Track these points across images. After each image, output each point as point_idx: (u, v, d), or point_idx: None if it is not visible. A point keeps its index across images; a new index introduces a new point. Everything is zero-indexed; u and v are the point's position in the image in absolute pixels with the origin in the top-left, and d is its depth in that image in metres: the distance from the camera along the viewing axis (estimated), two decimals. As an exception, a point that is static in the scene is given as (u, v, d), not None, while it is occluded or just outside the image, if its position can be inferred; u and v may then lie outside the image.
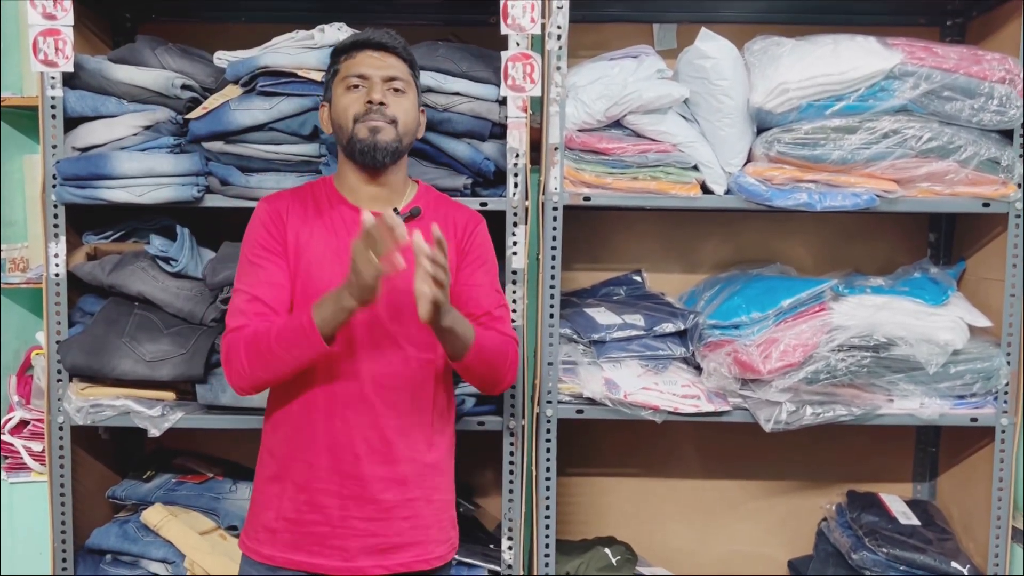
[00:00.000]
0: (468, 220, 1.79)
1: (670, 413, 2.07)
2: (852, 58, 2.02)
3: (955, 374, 2.09)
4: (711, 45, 2.04)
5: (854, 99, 2.03)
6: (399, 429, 1.68)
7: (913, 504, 2.40)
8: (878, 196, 2.06)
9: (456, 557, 2.14)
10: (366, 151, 1.67)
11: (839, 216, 2.31)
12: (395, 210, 1.70)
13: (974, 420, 2.11)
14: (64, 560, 2.12)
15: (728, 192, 2.12)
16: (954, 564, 2.15)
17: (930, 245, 2.48)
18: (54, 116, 2.04)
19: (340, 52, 1.74)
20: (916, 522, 2.30)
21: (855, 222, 2.46)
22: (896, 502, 2.39)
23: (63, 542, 2.11)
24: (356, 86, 1.69)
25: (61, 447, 2.09)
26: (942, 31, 2.43)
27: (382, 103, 1.67)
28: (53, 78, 2.03)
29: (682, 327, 2.18)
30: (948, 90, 2.04)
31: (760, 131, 2.11)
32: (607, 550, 2.32)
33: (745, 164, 2.12)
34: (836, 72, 2.00)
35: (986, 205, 2.09)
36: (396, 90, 1.70)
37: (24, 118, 2.53)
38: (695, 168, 2.10)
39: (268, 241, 1.70)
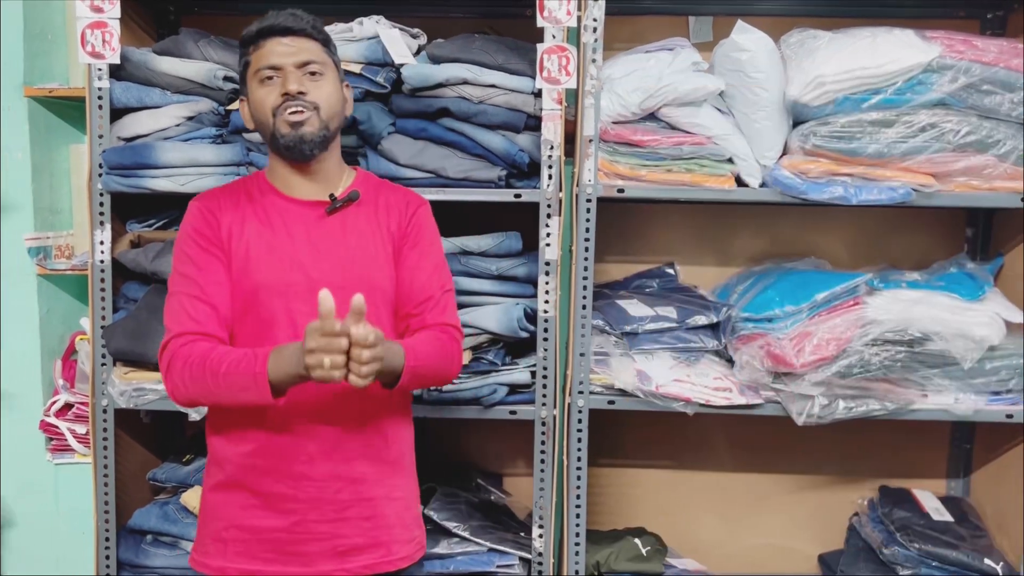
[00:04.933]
0: (408, 203, 1.72)
1: (702, 405, 2.08)
2: (890, 51, 2.00)
3: (991, 370, 2.07)
4: (747, 38, 2.04)
5: (891, 92, 2.01)
6: (354, 426, 1.62)
7: (946, 500, 2.39)
8: (915, 190, 2.05)
9: (488, 544, 2.18)
10: (292, 146, 1.59)
11: (874, 210, 2.30)
12: (332, 196, 1.65)
13: (1009, 416, 2.09)
14: (107, 540, 2.17)
15: (763, 185, 2.11)
16: (987, 561, 2.14)
17: (967, 240, 2.45)
18: (101, 107, 2.09)
19: (247, 42, 1.64)
20: (949, 518, 2.29)
21: (891, 216, 2.44)
22: (929, 498, 2.38)
23: (106, 522, 2.17)
24: (270, 77, 1.60)
25: (105, 429, 2.15)
26: (982, 24, 2.40)
27: (300, 92, 1.58)
28: (100, 70, 2.08)
29: (715, 320, 2.18)
30: (987, 83, 2.01)
31: (796, 124, 2.10)
32: (637, 540, 2.33)
33: (780, 157, 2.11)
34: (873, 65, 1.99)
35: (1025, 200, 2.07)
36: (313, 74, 1.61)
37: (70, 108, 2.60)
38: (730, 161, 2.10)
39: (204, 241, 1.62)
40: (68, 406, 2.51)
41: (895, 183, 2.05)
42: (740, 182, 2.13)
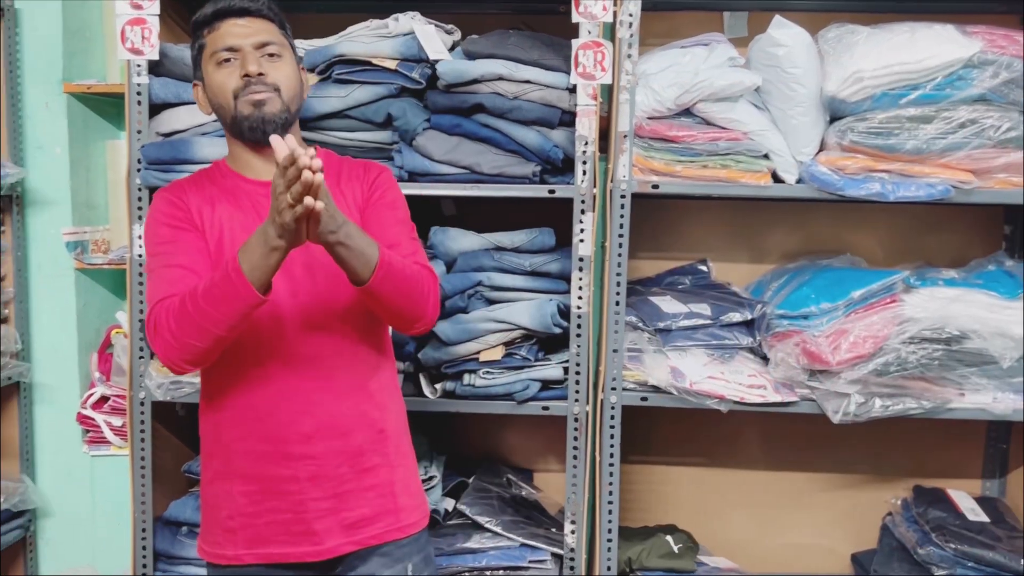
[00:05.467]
0: (367, 170, 1.70)
1: (736, 403, 2.07)
2: (930, 46, 1.98)
3: (1030, 368, 2.05)
4: (784, 33, 2.03)
5: (930, 88, 1.99)
6: (345, 400, 1.60)
7: (982, 501, 2.36)
8: (953, 187, 2.03)
9: (520, 539, 2.18)
10: (255, 127, 1.56)
11: (911, 207, 2.27)
12: None
13: (1049, 416, 2.07)
14: (144, 531, 2.19)
15: (799, 181, 2.10)
16: (1024, 562, 2.12)
17: (1005, 238, 2.43)
18: (140, 103, 2.10)
19: (202, 24, 1.61)
20: (985, 519, 2.27)
21: (928, 213, 2.42)
22: (964, 498, 2.36)
23: (143, 513, 2.19)
24: (227, 60, 1.57)
25: (142, 422, 2.17)
26: (1022, 18, 2.37)
27: (261, 74, 1.55)
28: (139, 66, 2.09)
29: (749, 317, 2.17)
30: (1030, 79, 2.00)
31: (833, 120, 2.09)
32: (668, 538, 2.33)
33: (817, 153, 2.10)
34: (913, 60, 1.97)
35: (1066, 197, 2.05)
36: (271, 55, 1.58)
37: (106, 104, 2.63)
38: (766, 157, 2.09)
39: (174, 221, 1.59)
40: (104, 399, 2.54)
41: (933, 180, 2.03)
42: (776, 178, 2.11)
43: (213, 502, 1.64)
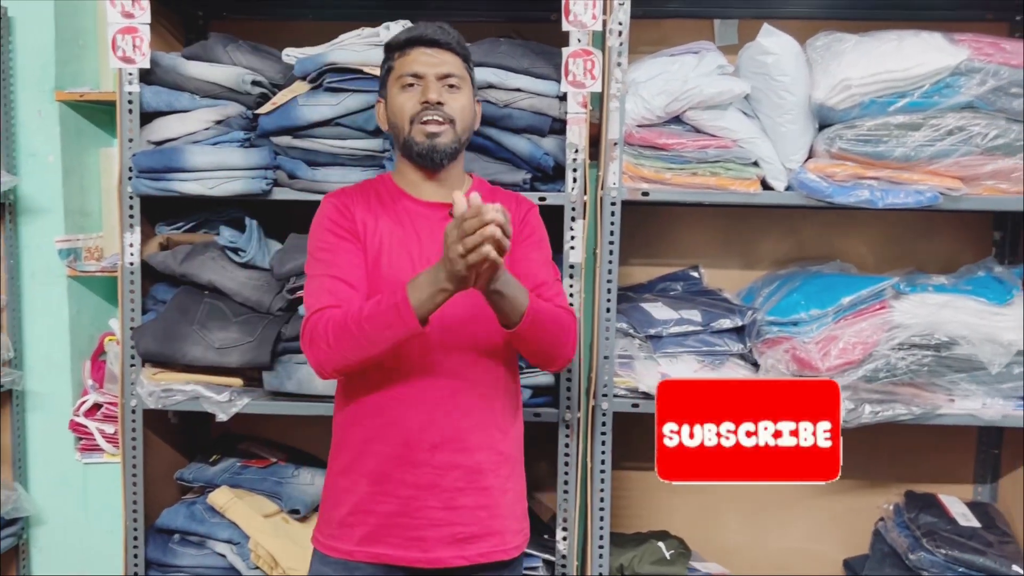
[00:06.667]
0: (519, 204, 1.78)
1: (726, 408, 2.07)
2: (917, 54, 2.00)
3: (1019, 375, 2.06)
4: (773, 41, 2.04)
5: (918, 96, 2.00)
6: (472, 417, 1.66)
7: (973, 506, 2.37)
8: (942, 194, 2.04)
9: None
10: (424, 154, 1.67)
11: (901, 214, 2.29)
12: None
13: (1038, 422, 2.08)
14: (135, 539, 2.19)
15: (789, 188, 2.11)
16: (1015, 567, 2.12)
17: (995, 244, 2.44)
18: (131, 111, 2.11)
19: (394, 48, 1.72)
20: (976, 524, 2.28)
21: (917, 220, 2.43)
22: (955, 503, 2.36)
23: (135, 521, 2.19)
24: (411, 84, 1.67)
25: (134, 430, 2.17)
26: (1011, 27, 2.39)
27: (439, 103, 1.65)
28: (131, 74, 2.10)
29: (739, 323, 2.18)
30: (1016, 87, 2.01)
31: (822, 127, 2.10)
32: (661, 544, 2.33)
33: (806, 160, 2.11)
34: (900, 68, 1.98)
35: (1054, 204, 2.06)
36: (451, 87, 1.68)
37: (99, 112, 2.63)
38: (755, 164, 2.10)
39: (339, 229, 1.68)
40: (97, 406, 2.54)
41: (922, 186, 2.04)
42: (765, 185, 2.13)
43: (334, 496, 1.70)
